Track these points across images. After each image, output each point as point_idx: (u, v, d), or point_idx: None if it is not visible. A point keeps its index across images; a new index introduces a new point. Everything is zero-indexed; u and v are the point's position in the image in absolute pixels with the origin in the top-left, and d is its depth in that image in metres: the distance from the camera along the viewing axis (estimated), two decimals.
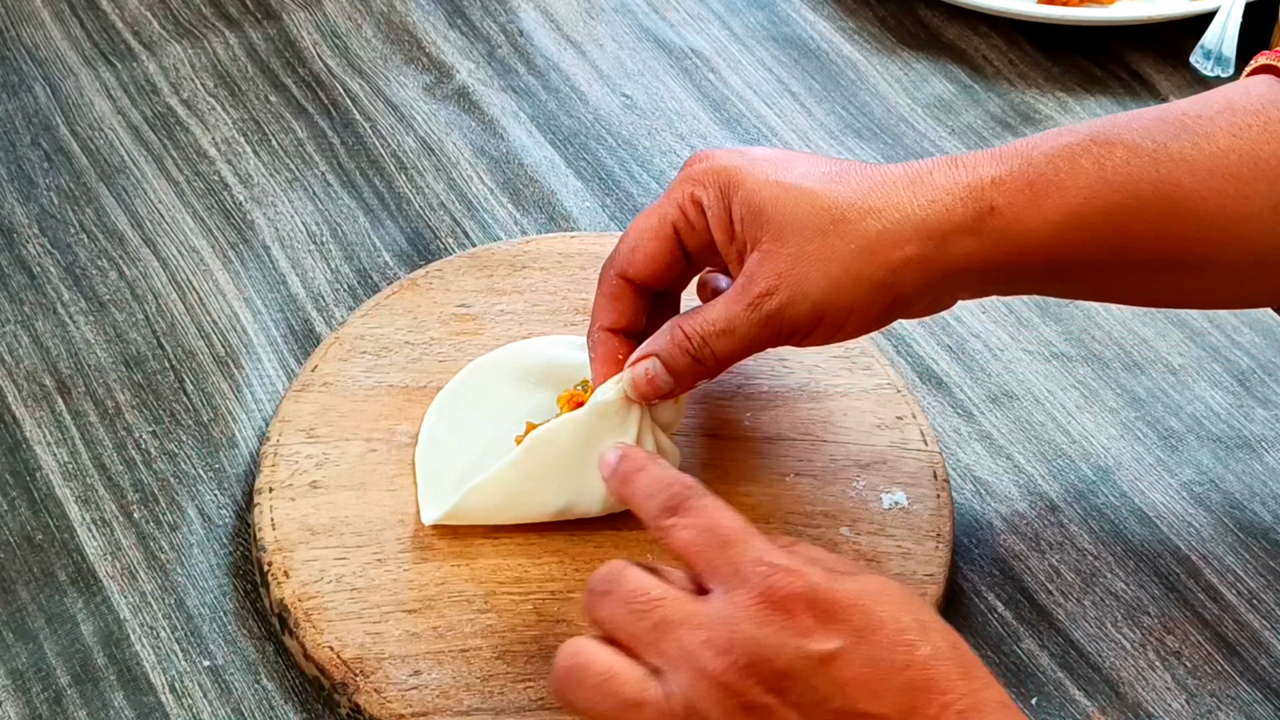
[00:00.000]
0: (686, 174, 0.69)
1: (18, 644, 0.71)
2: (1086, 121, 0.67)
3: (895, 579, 0.71)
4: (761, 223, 0.65)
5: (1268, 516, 0.77)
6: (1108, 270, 0.67)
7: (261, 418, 0.80)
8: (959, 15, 1.03)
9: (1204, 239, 0.65)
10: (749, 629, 0.56)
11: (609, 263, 0.70)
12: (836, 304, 0.65)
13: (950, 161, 0.66)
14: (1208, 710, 0.70)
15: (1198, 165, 0.64)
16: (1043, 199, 0.64)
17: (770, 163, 0.67)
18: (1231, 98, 0.66)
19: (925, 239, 0.64)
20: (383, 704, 0.67)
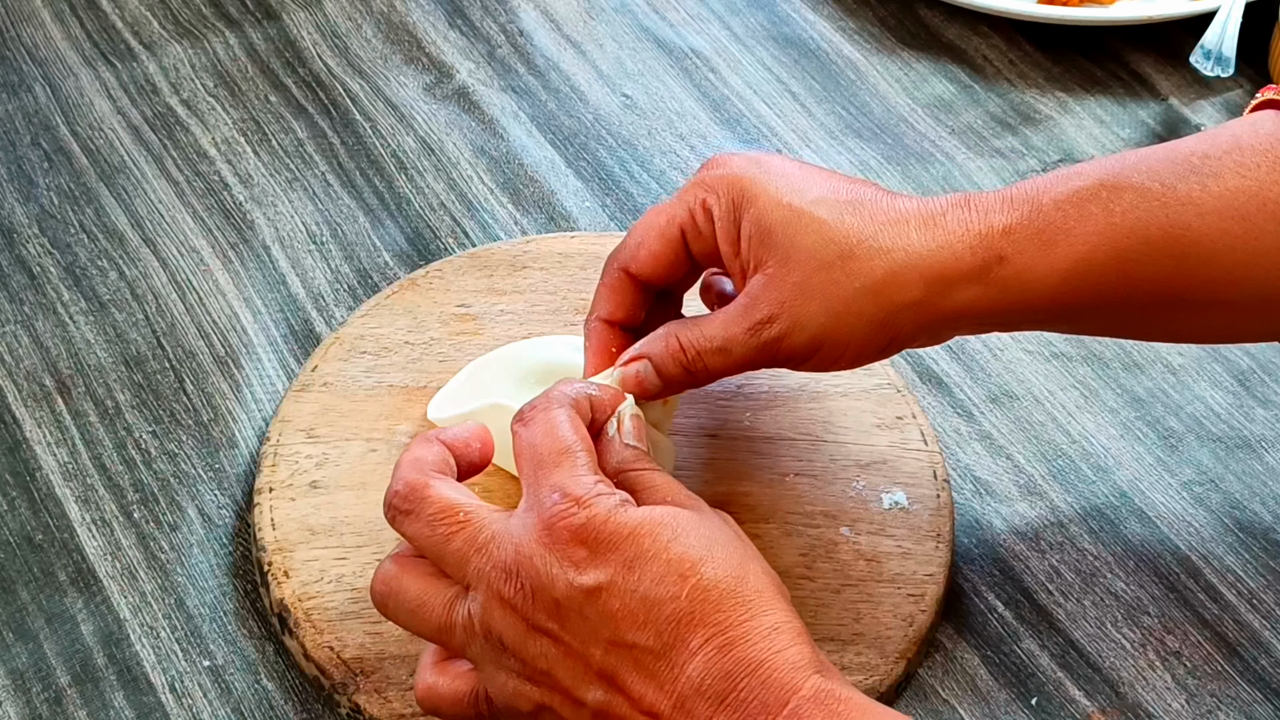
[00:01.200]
0: (701, 178, 0.69)
1: (18, 644, 0.71)
2: (1096, 161, 0.67)
3: (895, 579, 0.71)
4: (769, 245, 0.66)
5: (1268, 516, 0.77)
6: (1112, 311, 0.67)
7: (261, 418, 0.80)
8: (959, 15, 1.03)
9: (1210, 279, 0.65)
10: (530, 554, 0.59)
11: (614, 255, 0.70)
12: (835, 338, 0.66)
13: (963, 203, 0.66)
14: (1208, 710, 0.70)
15: (1205, 207, 0.64)
16: (1051, 247, 0.64)
17: (786, 180, 0.67)
18: (1239, 136, 0.65)
19: (931, 284, 0.64)
20: (383, 704, 0.67)
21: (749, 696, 0.57)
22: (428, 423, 0.76)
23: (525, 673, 0.60)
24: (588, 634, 0.58)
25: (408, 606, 0.63)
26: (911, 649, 0.70)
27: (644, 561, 0.59)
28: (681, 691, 0.57)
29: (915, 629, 0.70)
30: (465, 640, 0.61)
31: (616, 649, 0.58)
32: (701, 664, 0.57)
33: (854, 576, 0.72)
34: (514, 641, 0.60)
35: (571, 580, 0.59)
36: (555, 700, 0.59)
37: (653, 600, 0.58)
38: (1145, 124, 0.97)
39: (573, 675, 0.59)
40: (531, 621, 0.59)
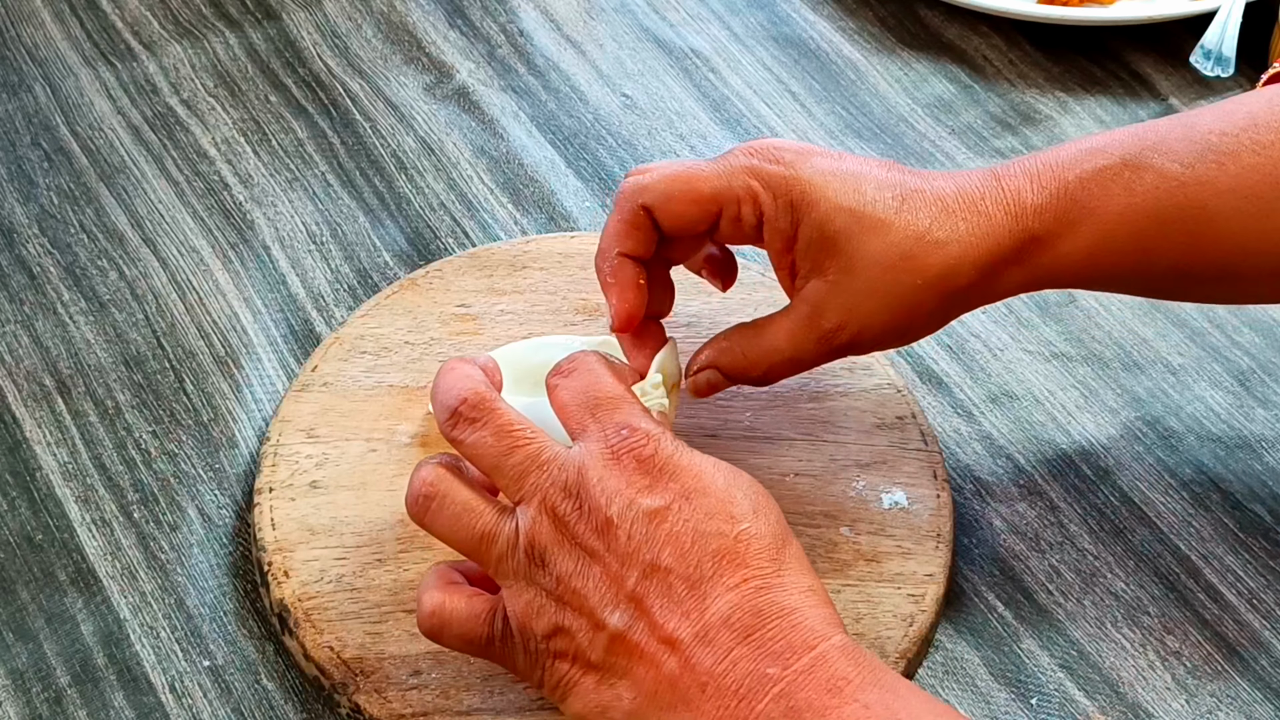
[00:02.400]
0: (756, 166, 0.68)
1: (18, 644, 0.71)
2: (1118, 134, 0.68)
3: (895, 579, 0.71)
4: (832, 253, 0.67)
5: (1268, 516, 0.77)
6: (1130, 281, 0.70)
7: (261, 418, 0.80)
8: (959, 15, 1.03)
9: (1225, 255, 0.68)
10: (593, 476, 0.61)
11: (635, 191, 0.69)
12: (898, 330, 0.69)
13: (995, 181, 0.68)
14: (1208, 710, 0.70)
15: (1222, 186, 0.66)
16: (1076, 225, 0.67)
17: (839, 180, 0.68)
18: (1255, 113, 0.68)
19: (980, 272, 0.67)
20: (383, 704, 0.67)
21: (776, 635, 0.58)
22: (428, 422, 0.76)
23: (556, 591, 0.60)
24: (630, 555, 0.59)
25: (453, 510, 0.63)
26: (911, 649, 0.70)
27: (701, 496, 0.60)
28: (708, 621, 0.58)
29: (915, 629, 0.70)
30: (504, 552, 0.61)
31: (654, 573, 0.59)
32: (735, 598, 0.58)
33: (854, 576, 0.72)
34: (555, 557, 0.60)
35: (629, 499, 0.60)
36: (576, 622, 0.60)
37: (701, 533, 0.59)
38: None
39: (602, 596, 0.59)
40: (578, 539, 0.60)
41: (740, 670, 0.57)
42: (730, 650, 0.58)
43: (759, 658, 0.57)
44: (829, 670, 0.57)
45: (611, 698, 0.60)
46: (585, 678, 0.60)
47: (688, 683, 0.58)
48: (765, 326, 0.70)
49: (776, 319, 0.69)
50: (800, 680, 0.57)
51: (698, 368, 0.71)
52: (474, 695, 0.67)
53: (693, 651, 0.58)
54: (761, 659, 0.57)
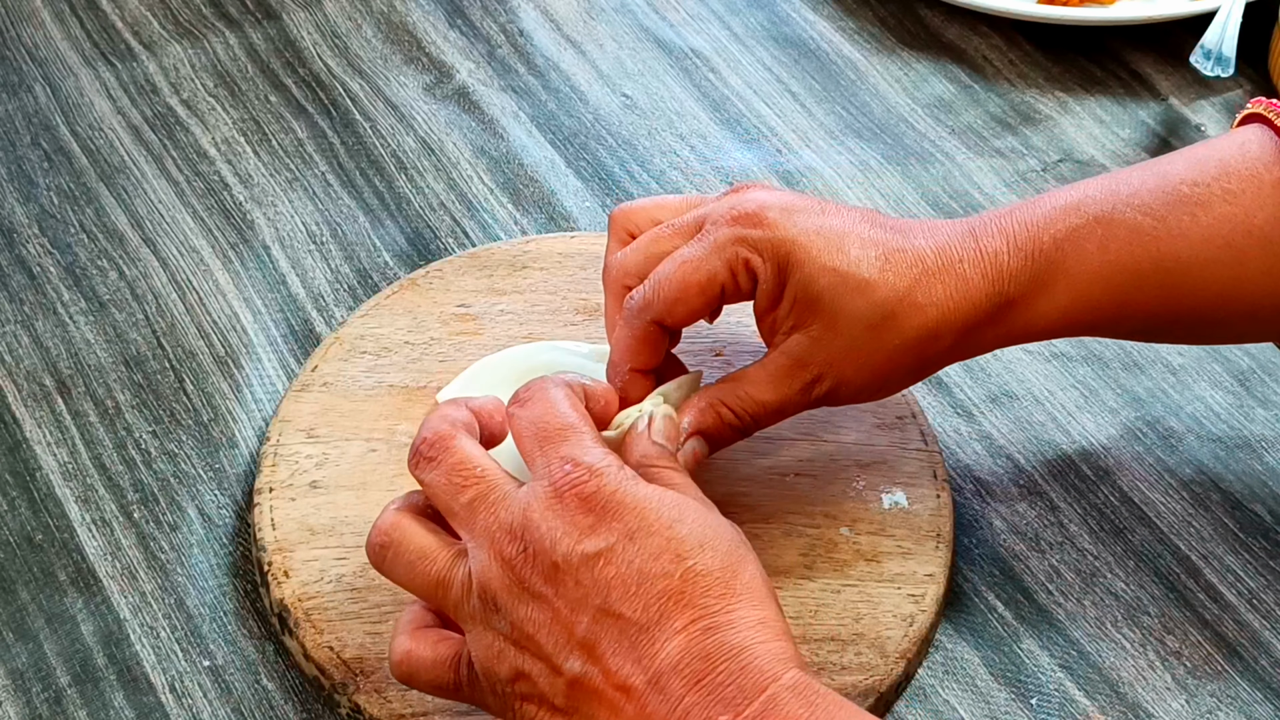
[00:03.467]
0: (743, 235, 0.68)
1: (18, 644, 0.71)
2: (1092, 188, 0.69)
3: (895, 579, 0.71)
4: (816, 311, 0.68)
5: (1268, 516, 0.77)
6: (1105, 331, 0.72)
7: (261, 418, 0.80)
8: (959, 15, 1.03)
9: (1200, 304, 0.69)
10: (536, 518, 0.60)
11: (642, 307, 0.69)
12: (876, 385, 0.70)
13: (973, 241, 0.68)
14: (1208, 710, 0.70)
15: (1195, 237, 0.67)
16: (1052, 286, 0.68)
17: (824, 239, 0.68)
18: (1226, 161, 0.68)
19: (957, 334, 0.68)
20: (383, 704, 0.67)
21: (726, 680, 0.57)
22: None
23: (512, 635, 0.60)
24: (578, 600, 0.59)
25: (408, 558, 0.63)
26: (911, 649, 0.70)
27: (645, 535, 0.59)
28: (659, 668, 0.58)
29: (915, 629, 0.70)
30: (460, 597, 0.62)
31: (603, 618, 0.59)
32: (683, 643, 0.58)
33: (854, 576, 0.72)
34: (506, 602, 0.60)
35: (573, 545, 0.59)
36: (535, 668, 0.60)
37: (646, 574, 0.59)
38: (1145, 124, 0.97)
39: (555, 642, 0.59)
40: (526, 584, 0.60)
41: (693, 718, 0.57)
42: (682, 698, 0.57)
43: (710, 704, 0.57)
44: (780, 714, 0.57)
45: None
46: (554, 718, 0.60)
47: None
48: (743, 379, 0.69)
49: (753, 372, 0.69)
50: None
51: (682, 440, 0.69)
52: None
53: (647, 699, 0.58)
54: (713, 706, 0.57)
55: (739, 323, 0.78)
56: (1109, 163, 0.94)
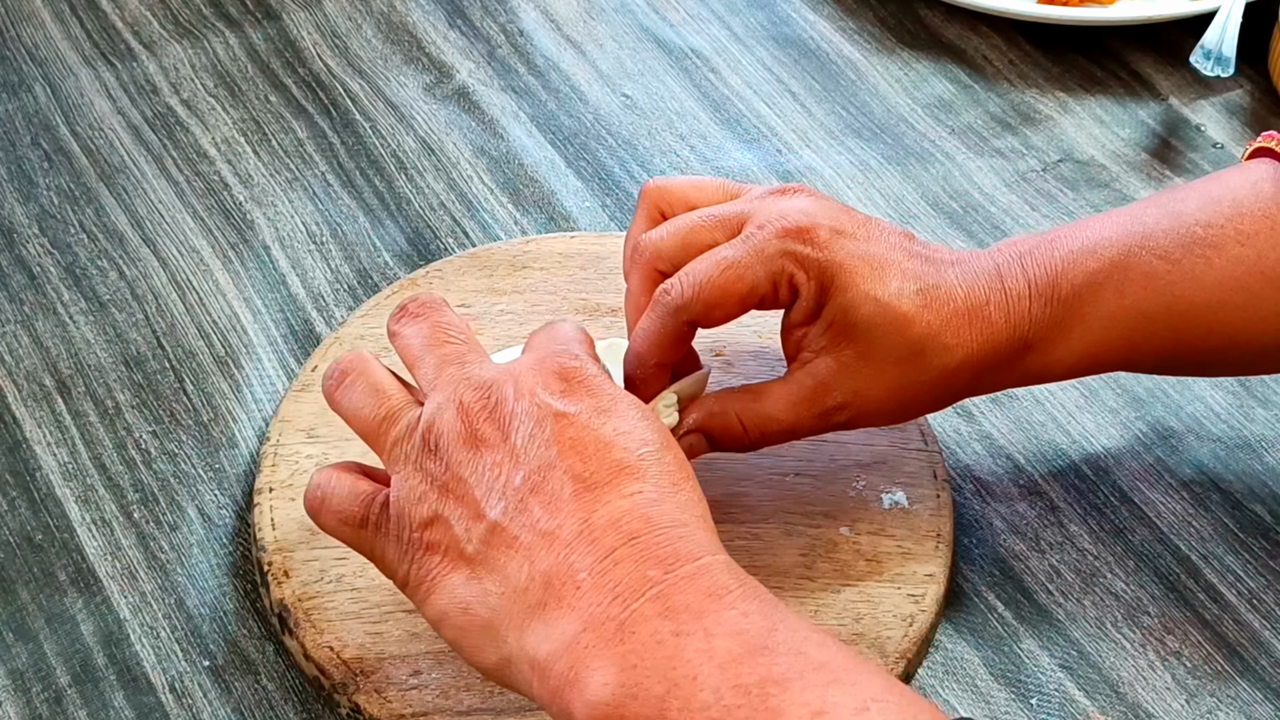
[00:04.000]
0: (790, 249, 0.67)
1: (18, 644, 0.71)
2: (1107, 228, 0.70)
3: (895, 579, 0.71)
4: (851, 337, 0.68)
5: (1268, 516, 0.77)
6: (1115, 369, 0.73)
7: (261, 418, 0.80)
8: (959, 15, 1.03)
9: (1211, 344, 0.70)
10: (510, 378, 0.61)
11: (681, 307, 0.67)
12: (892, 415, 0.71)
13: (998, 281, 0.69)
14: (1208, 710, 0.70)
15: (1208, 280, 0.68)
16: (1068, 333, 0.69)
17: (869, 266, 0.68)
18: (1240, 201, 0.69)
19: (977, 374, 0.69)
20: (383, 704, 0.67)
21: (663, 542, 0.57)
22: None
23: (443, 478, 0.59)
24: (525, 450, 0.59)
25: (364, 388, 0.63)
26: (911, 649, 0.70)
27: (613, 416, 0.60)
28: (594, 521, 0.57)
29: (915, 629, 0.70)
30: (401, 435, 0.61)
31: (547, 471, 0.58)
32: (627, 505, 0.57)
33: (854, 576, 0.72)
34: (449, 444, 0.60)
35: (540, 397, 0.60)
36: (455, 513, 0.59)
37: (605, 443, 0.59)
38: (1145, 124, 0.97)
39: (489, 486, 0.59)
40: (477, 431, 0.60)
41: (621, 570, 0.56)
42: (613, 550, 0.56)
43: (641, 560, 0.56)
44: (711, 579, 0.56)
45: (478, 593, 0.58)
46: (454, 573, 0.59)
47: (563, 579, 0.56)
48: (763, 394, 0.69)
49: (775, 388, 0.69)
50: (681, 584, 0.56)
51: (684, 430, 0.69)
52: (474, 695, 0.67)
53: (573, 548, 0.57)
54: (644, 562, 0.56)
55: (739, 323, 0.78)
56: (1109, 163, 0.94)
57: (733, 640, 0.54)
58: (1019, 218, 0.91)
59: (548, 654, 0.56)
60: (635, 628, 0.55)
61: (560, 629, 0.56)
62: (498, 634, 0.58)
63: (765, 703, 0.52)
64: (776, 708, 0.52)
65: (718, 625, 0.54)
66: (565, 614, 0.56)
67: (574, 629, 0.56)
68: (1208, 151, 0.95)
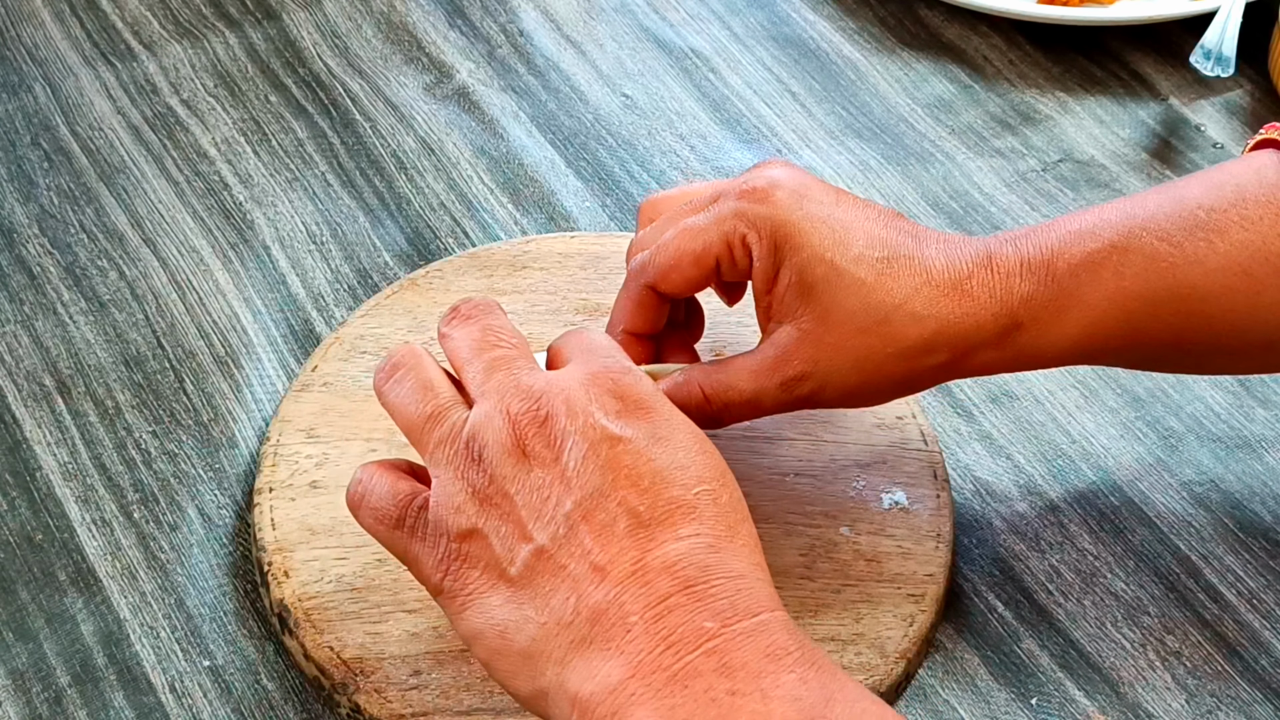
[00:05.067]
0: (742, 209, 0.67)
1: (18, 644, 0.71)
2: (1108, 212, 0.68)
3: (895, 579, 0.71)
4: (807, 301, 0.66)
5: (1268, 516, 0.77)
6: (1117, 358, 0.71)
7: (261, 418, 0.80)
8: (959, 15, 1.03)
9: (1215, 332, 0.68)
10: (561, 390, 0.58)
11: (639, 270, 0.69)
12: (862, 393, 0.68)
13: (985, 262, 0.67)
14: (1208, 710, 0.70)
15: (1211, 265, 0.66)
16: (1064, 314, 0.67)
17: (829, 228, 0.66)
18: (1243, 187, 0.67)
19: (955, 349, 0.67)
20: (383, 704, 0.67)
21: (719, 594, 0.55)
22: None
23: (486, 490, 0.57)
24: (579, 475, 0.56)
25: (414, 383, 0.61)
26: (911, 649, 0.70)
27: (670, 444, 0.58)
28: (648, 562, 0.55)
29: (915, 629, 0.70)
30: (444, 437, 0.59)
31: (602, 500, 0.56)
32: (684, 549, 0.55)
33: (854, 576, 0.72)
34: (494, 455, 0.58)
35: (596, 419, 0.57)
36: (499, 529, 0.57)
37: (662, 478, 0.57)
38: (1145, 124, 0.97)
39: (536, 507, 0.56)
40: (525, 444, 0.57)
41: (675, 618, 0.54)
42: (668, 596, 0.54)
43: (697, 610, 0.54)
44: (770, 639, 0.54)
45: (518, 619, 0.56)
46: (493, 593, 0.57)
47: (612, 619, 0.54)
48: (727, 364, 0.68)
49: (740, 359, 0.68)
50: (738, 641, 0.54)
51: None
52: (474, 695, 0.67)
53: (625, 587, 0.54)
54: (700, 612, 0.54)
55: (739, 323, 0.78)
56: (1109, 163, 0.94)
57: (789, 706, 0.52)
58: (1019, 218, 0.91)
59: (590, 694, 0.54)
60: (688, 681, 0.53)
61: (606, 670, 0.54)
62: (536, 664, 0.56)
63: None
64: None
65: (775, 689, 0.53)
66: (613, 656, 0.54)
67: (621, 673, 0.54)
68: (1208, 151, 0.95)
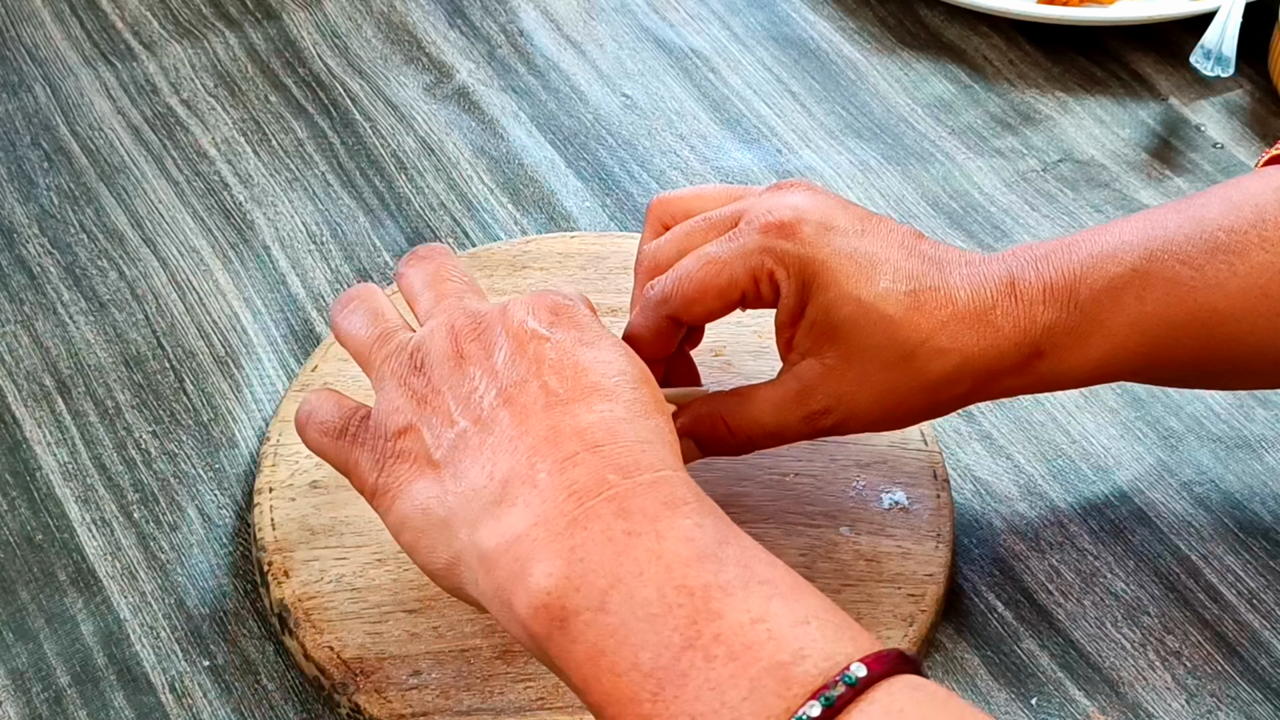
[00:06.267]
0: (768, 245, 0.66)
1: (18, 644, 0.71)
2: (1126, 233, 0.67)
3: (895, 579, 0.71)
4: (833, 339, 0.66)
5: (1268, 516, 0.77)
6: (1135, 379, 0.71)
7: (261, 418, 0.80)
8: (959, 15, 1.03)
9: (1237, 354, 0.67)
10: (500, 310, 0.62)
11: (661, 300, 0.68)
12: (885, 422, 0.69)
13: (1008, 290, 0.67)
14: (1208, 710, 0.70)
15: (1231, 287, 0.66)
16: (1086, 340, 0.67)
17: (855, 264, 0.66)
18: (1262, 205, 0.67)
19: (977, 380, 0.67)
20: (383, 704, 0.67)
21: (625, 453, 0.57)
22: None
23: (423, 392, 0.61)
24: (505, 366, 0.60)
25: (367, 310, 0.66)
26: (911, 649, 0.70)
27: (592, 346, 0.61)
28: (560, 428, 0.58)
29: (915, 629, 0.70)
30: (390, 353, 0.63)
31: (522, 385, 0.59)
32: (594, 418, 0.58)
33: (854, 576, 0.72)
34: (434, 361, 0.62)
35: (527, 324, 0.61)
36: (429, 421, 0.60)
37: (584, 368, 0.60)
38: (1145, 124, 0.97)
39: (465, 397, 0.60)
40: (462, 349, 0.61)
41: (580, 470, 0.57)
42: (575, 454, 0.57)
43: (601, 465, 0.57)
44: (670, 489, 0.57)
45: (438, 493, 0.59)
46: (420, 479, 0.60)
47: (521, 478, 0.57)
48: (750, 396, 0.68)
49: (762, 390, 0.68)
50: (639, 490, 0.56)
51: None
52: (474, 695, 0.67)
53: (536, 449, 0.57)
54: (604, 467, 0.57)
55: (739, 323, 0.78)
56: (1109, 163, 0.94)
57: (683, 545, 0.55)
58: (1019, 218, 0.91)
59: (494, 547, 0.57)
60: (587, 523, 0.56)
61: (511, 523, 0.57)
62: (451, 531, 0.59)
63: (708, 605, 0.53)
64: (718, 611, 0.53)
65: (670, 530, 0.55)
66: (519, 510, 0.57)
67: (525, 523, 0.56)
68: (1208, 151, 0.95)
